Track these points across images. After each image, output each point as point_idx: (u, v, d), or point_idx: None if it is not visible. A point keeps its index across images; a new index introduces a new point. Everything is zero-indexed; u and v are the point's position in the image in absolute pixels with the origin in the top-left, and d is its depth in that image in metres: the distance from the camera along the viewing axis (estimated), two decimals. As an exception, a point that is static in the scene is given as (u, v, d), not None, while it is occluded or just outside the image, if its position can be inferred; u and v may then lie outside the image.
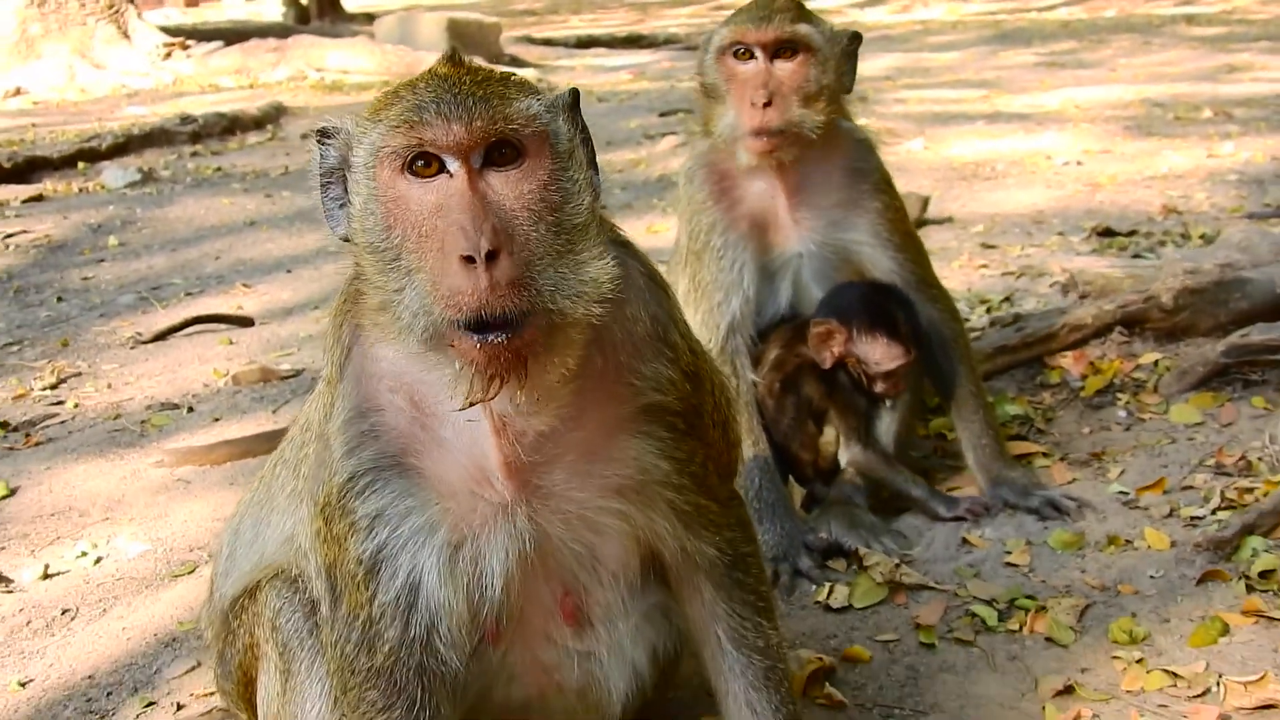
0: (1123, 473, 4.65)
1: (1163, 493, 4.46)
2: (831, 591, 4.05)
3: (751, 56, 4.28)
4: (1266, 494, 4.21)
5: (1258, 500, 4.19)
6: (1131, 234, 7.80)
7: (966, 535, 4.35)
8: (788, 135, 4.24)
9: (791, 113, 4.23)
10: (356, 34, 22.42)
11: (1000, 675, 3.58)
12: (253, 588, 2.89)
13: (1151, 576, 3.96)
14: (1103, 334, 5.38)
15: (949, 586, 4.02)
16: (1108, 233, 7.85)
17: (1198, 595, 3.83)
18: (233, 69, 20.25)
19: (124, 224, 10.14)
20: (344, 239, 2.49)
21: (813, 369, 4.40)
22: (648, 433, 2.57)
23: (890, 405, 4.48)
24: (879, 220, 4.46)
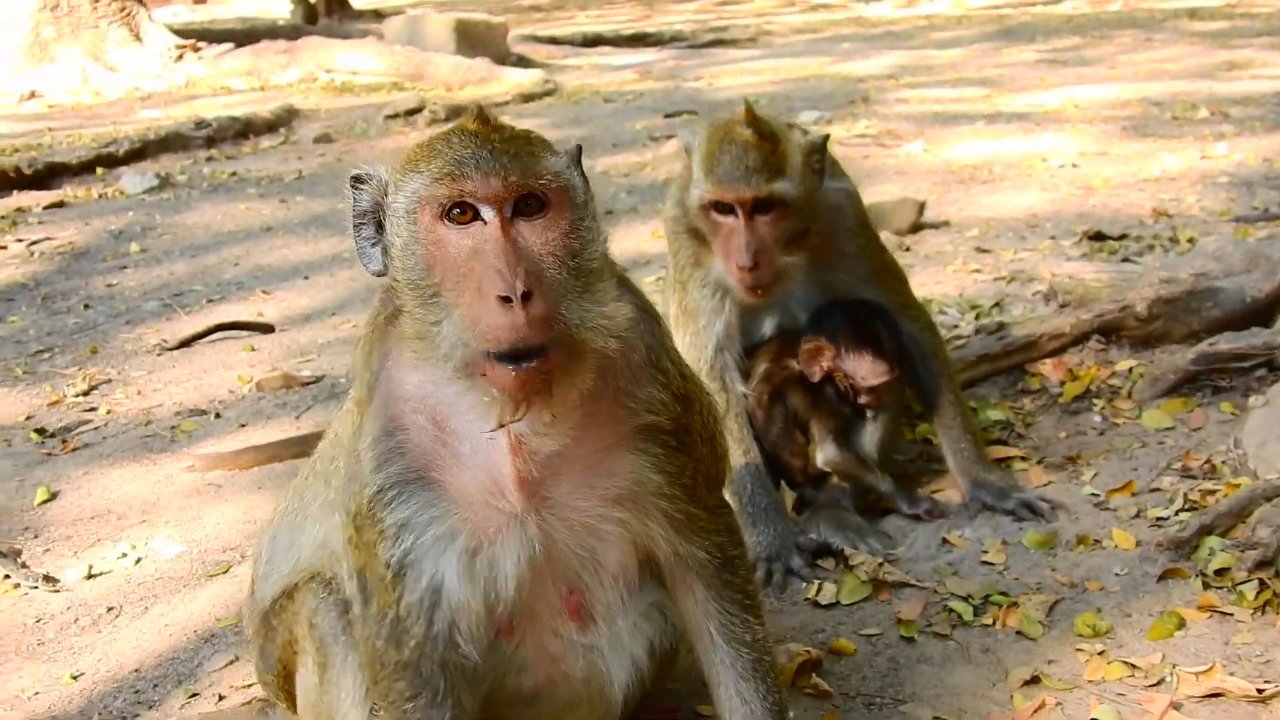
0: (1095, 475, 4.93)
1: (1131, 495, 4.74)
2: (820, 589, 4.34)
3: (732, 212, 4.45)
4: (1226, 496, 4.47)
5: (1217, 502, 4.46)
6: (1122, 238, 8.05)
7: (947, 535, 4.64)
8: (776, 282, 4.53)
9: (777, 263, 4.48)
10: (365, 34, 22.64)
11: (974, 666, 3.86)
12: (291, 589, 3.19)
13: (1116, 574, 4.24)
14: (1081, 342, 5.67)
15: (929, 584, 4.31)
16: (1098, 236, 8.10)
17: (1158, 591, 4.12)
18: (244, 70, 20.49)
19: (144, 230, 10.43)
20: (377, 274, 2.80)
21: (799, 381, 4.72)
22: (643, 449, 2.88)
23: (873, 415, 4.78)
24: (859, 259, 4.77)
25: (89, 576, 4.84)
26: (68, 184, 12.33)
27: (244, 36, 23.19)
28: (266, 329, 7.69)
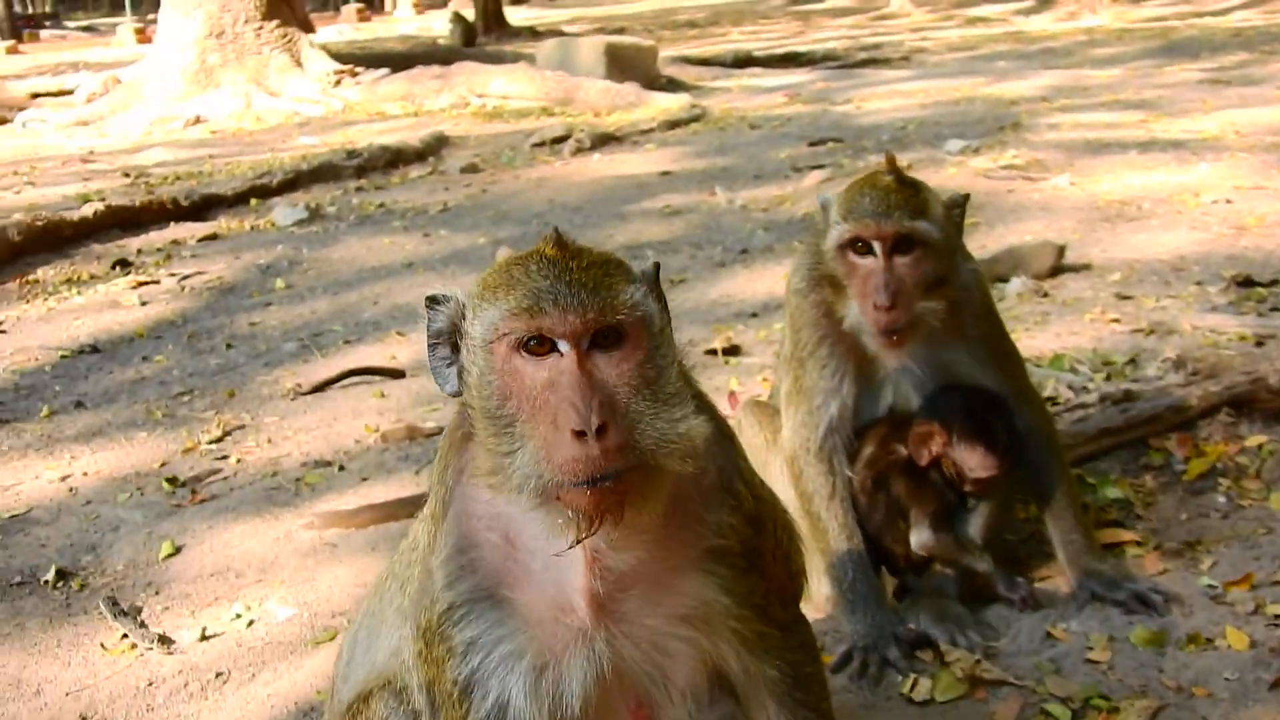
0: (1214, 564, 4.68)
1: (1250, 588, 4.47)
2: (915, 684, 4.20)
3: (870, 252, 4.36)
4: (1360, 596, 4.23)
5: (1347, 602, 4.23)
6: (1272, 284, 7.68)
7: (1051, 628, 4.42)
8: (913, 326, 4.39)
9: (915, 308, 4.34)
10: (519, 57, 23.11)
11: (1072, 778, 3.71)
12: (365, 694, 3.22)
13: (1227, 679, 3.99)
14: (1209, 415, 5.43)
15: (1028, 682, 4.12)
16: (1247, 283, 7.72)
17: (1269, 701, 3.87)
18: (398, 95, 21.06)
19: (290, 265, 10.75)
20: (453, 395, 2.82)
21: (904, 466, 4.62)
22: (710, 571, 2.84)
23: (977, 500, 4.66)
24: (981, 345, 4.59)
25: (203, 638, 4.94)
26: (223, 215, 12.82)
27: (400, 60, 23.83)
28: (397, 374, 7.81)
